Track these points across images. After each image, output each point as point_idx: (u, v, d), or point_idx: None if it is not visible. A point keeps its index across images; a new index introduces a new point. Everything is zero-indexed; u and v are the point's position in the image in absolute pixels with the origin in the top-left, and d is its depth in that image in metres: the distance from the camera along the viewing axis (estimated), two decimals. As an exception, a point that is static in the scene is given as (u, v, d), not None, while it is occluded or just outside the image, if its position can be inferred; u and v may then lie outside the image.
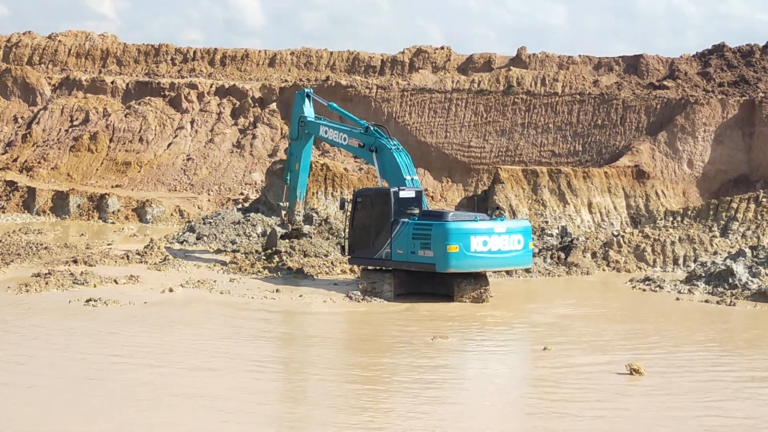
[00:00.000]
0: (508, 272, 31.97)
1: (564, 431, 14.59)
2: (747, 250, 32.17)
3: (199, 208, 51.86)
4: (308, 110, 33.50)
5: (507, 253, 27.33)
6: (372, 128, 30.67)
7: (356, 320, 24.86)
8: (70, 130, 61.92)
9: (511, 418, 15.61)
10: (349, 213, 29.76)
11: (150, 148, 60.14)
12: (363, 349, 21.11)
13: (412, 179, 29.38)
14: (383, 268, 28.30)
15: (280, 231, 34.54)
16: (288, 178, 34.50)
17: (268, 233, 35.61)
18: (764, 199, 39.96)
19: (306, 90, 34.73)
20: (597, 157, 53.31)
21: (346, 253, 29.79)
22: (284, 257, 33.22)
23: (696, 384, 17.78)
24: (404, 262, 27.56)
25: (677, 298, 28.46)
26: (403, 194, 28.34)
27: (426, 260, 27.03)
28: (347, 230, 29.68)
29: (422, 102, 58.47)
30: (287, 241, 34.20)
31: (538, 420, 15.35)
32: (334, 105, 34.90)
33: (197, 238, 38.43)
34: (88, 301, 24.86)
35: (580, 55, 61.98)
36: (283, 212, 34.77)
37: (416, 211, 28.11)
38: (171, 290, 27.29)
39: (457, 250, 26.46)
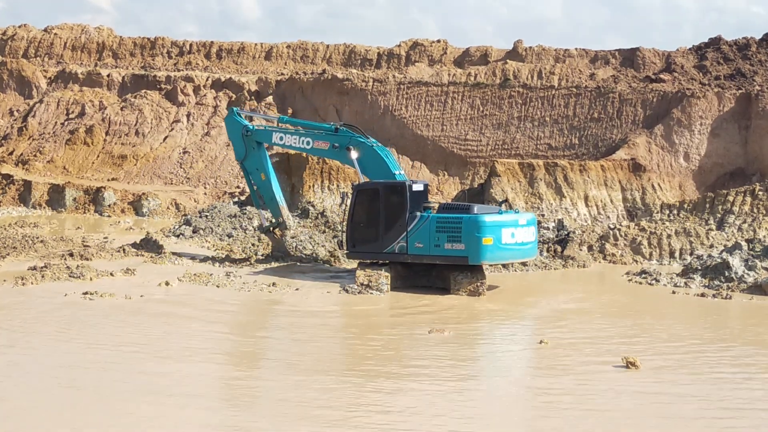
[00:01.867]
0: (504, 266, 32.05)
1: (557, 424, 14.60)
2: (743, 243, 32.20)
3: (195, 201, 51.85)
4: (245, 122, 33.11)
5: (526, 245, 28.01)
6: (341, 128, 30.45)
7: (352, 314, 24.84)
8: (66, 123, 61.87)
9: (504, 412, 15.61)
10: (347, 207, 29.72)
11: (146, 142, 60.12)
12: (358, 343, 21.09)
13: (400, 173, 29.52)
14: (382, 261, 28.35)
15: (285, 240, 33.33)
16: (257, 198, 33.26)
17: (272, 243, 33.86)
18: (760, 192, 40.01)
19: (232, 108, 34.13)
20: (593, 150, 53.35)
21: (345, 248, 29.75)
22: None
23: (692, 377, 17.79)
24: (425, 255, 27.68)
25: (673, 292, 28.47)
26: (414, 188, 28.48)
27: (455, 253, 27.17)
28: (346, 224, 29.50)
29: (419, 95, 58.45)
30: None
31: (531, 413, 15.36)
32: (285, 117, 34.21)
33: (193, 232, 38.42)
34: (84, 294, 24.84)
35: (576, 49, 62.03)
36: (273, 228, 33.22)
37: (433, 204, 28.36)
38: (167, 283, 27.26)
39: (492, 243, 26.87)
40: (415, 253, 27.83)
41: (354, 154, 29.61)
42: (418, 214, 27.80)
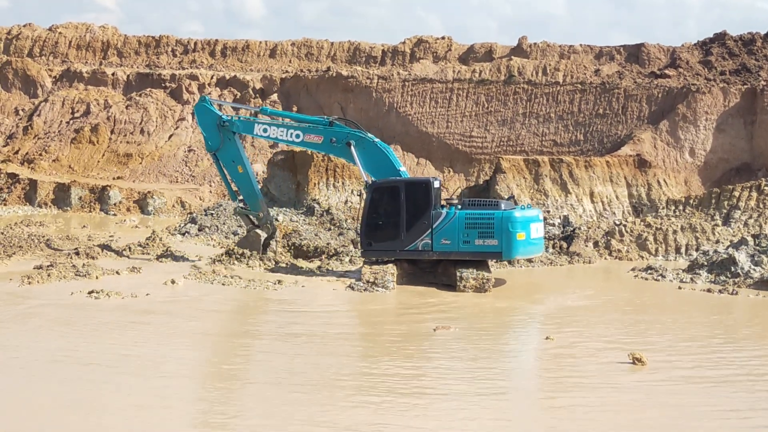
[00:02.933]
0: (509, 262, 32.12)
1: (563, 420, 14.59)
2: (749, 238, 32.16)
3: (200, 199, 51.87)
4: (219, 113, 31.57)
5: (541, 240, 29.24)
6: (336, 122, 29.92)
7: (359, 311, 24.85)
8: (71, 122, 61.93)
9: (510, 408, 15.61)
10: (363, 205, 29.33)
11: (151, 140, 60.16)
12: (365, 340, 21.10)
13: (403, 170, 29.51)
14: (392, 259, 28.43)
15: (261, 234, 32.01)
16: (231, 190, 32.06)
17: (246, 235, 32.63)
18: (766, 188, 39.94)
19: (203, 97, 32.21)
20: (598, 146, 53.29)
21: (360, 246, 29.55)
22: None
23: (698, 372, 17.78)
24: (453, 252, 27.95)
25: (679, 287, 28.44)
26: (435, 184, 28.64)
27: (488, 249, 27.79)
28: (361, 222, 29.20)
29: (423, 92, 58.42)
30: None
31: (537, 409, 15.36)
32: (268, 109, 32.74)
33: (199, 230, 38.45)
34: (90, 293, 24.88)
35: (581, 45, 61.95)
36: (256, 226, 32.06)
37: (455, 201, 28.78)
38: (173, 281, 27.28)
39: (524, 238, 27.80)
40: (441, 250, 27.99)
41: (354, 150, 29.31)
42: (444, 210, 27.92)
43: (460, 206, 28.32)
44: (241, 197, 32.10)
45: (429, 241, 27.96)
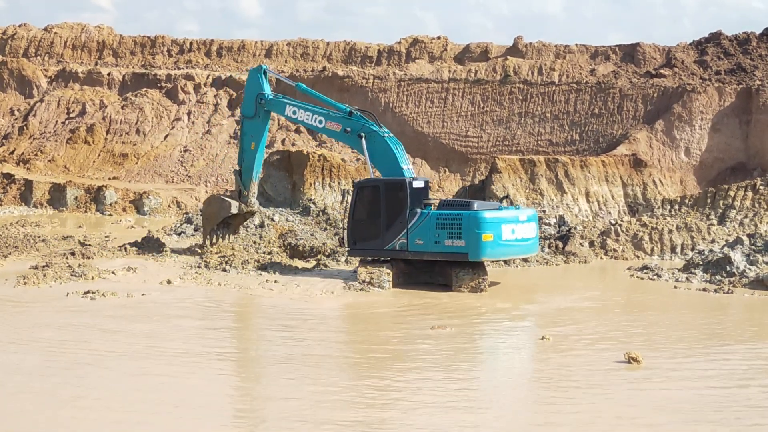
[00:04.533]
0: (506, 262, 31.99)
1: (558, 419, 14.61)
2: (744, 238, 32.19)
3: (196, 199, 51.84)
4: (267, 88, 32.03)
5: (527, 241, 28.13)
6: (356, 113, 29.86)
7: (355, 311, 24.86)
8: (67, 122, 61.89)
9: (505, 406, 15.63)
10: (348, 204, 29.59)
11: (147, 140, 60.13)
12: (361, 340, 21.12)
13: (408, 168, 29.22)
14: (384, 258, 28.34)
15: (232, 206, 31.95)
16: (242, 159, 32.27)
17: (221, 198, 32.90)
18: (761, 187, 39.99)
19: (262, 66, 32.87)
20: (594, 146, 53.35)
21: (346, 245, 29.66)
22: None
23: (694, 372, 17.80)
24: (426, 252, 27.66)
25: (675, 287, 28.47)
26: (415, 184, 28.41)
27: (455, 249, 27.20)
28: (347, 221, 29.38)
29: (419, 92, 58.45)
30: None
31: (532, 408, 15.38)
32: (303, 86, 33.12)
33: (195, 230, 38.40)
34: (86, 293, 24.87)
35: (576, 44, 62.03)
36: (239, 197, 32.19)
37: (433, 201, 28.39)
38: (169, 282, 27.28)
39: (492, 239, 26.95)
40: (415, 250, 27.79)
41: (364, 143, 29.16)
42: (419, 210, 27.76)
43: (434, 206, 28.12)
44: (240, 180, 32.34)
45: (405, 240, 27.94)
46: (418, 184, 28.68)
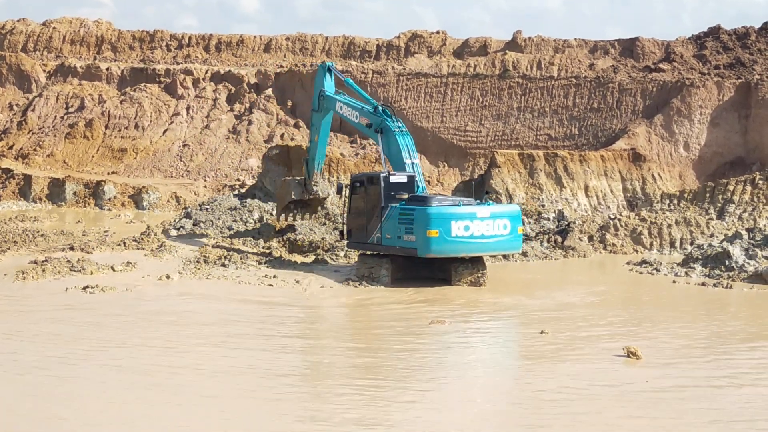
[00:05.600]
0: (504, 256, 31.98)
1: (557, 414, 14.61)
2: (743, 232, 32.20)
3: (195, 194, 51.82)
4: (328, 84, 33.31)
5: (491, 238, 27.09)
6: (380, 108, 30.39)
7: (354, 305, 24.86)
8: (66, 117, 61.83)
9: (501, 401, 15.64)
10: (346, 197, 29.93)
11: (146, 135, 60.06)
12: (360, 336, 21.13)
13: (413, 163, 29.14)
14: (379, 252, 28.39)
15: (295, 191, 34.68)
16: (309, 149, 34.80)
17: (281, 186, 35.76)
18: (760, 182, 39.99)
19: (327, 63, 34.60)
20: (593, 140, 53.30)
21: (345, 238, 29.95)
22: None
23: (694, 367, 17.80)
24: (392, 246, 27.66)
25: (674, 281, 28.47)
26: (393, 179, 28.38)
27: (410, 245, 27.08)
28: (345, 215, 29.79)
29: (418, 86, 58.40)
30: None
31: (527, 403, 15.38)
32: (350, 81, 34.54)
33: (194, 225, 38.39)
34: (85, 288, 24.86)
35: (575, 39, 61.93)
36: (307, 174, 34.71)
37: (405, 195, 28.16)
38: (168, 277, 27.27)
39: (437, 235, 26.41)
40: (386, 245, 27.84)
41: (380, 138, 29.89)
42: (391, 205, 27.83)
43: (405, 201, 28.02)
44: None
45: (380, 234, 28.02)
46: (398, 178, 28.62)
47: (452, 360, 18.65)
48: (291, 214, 35.30)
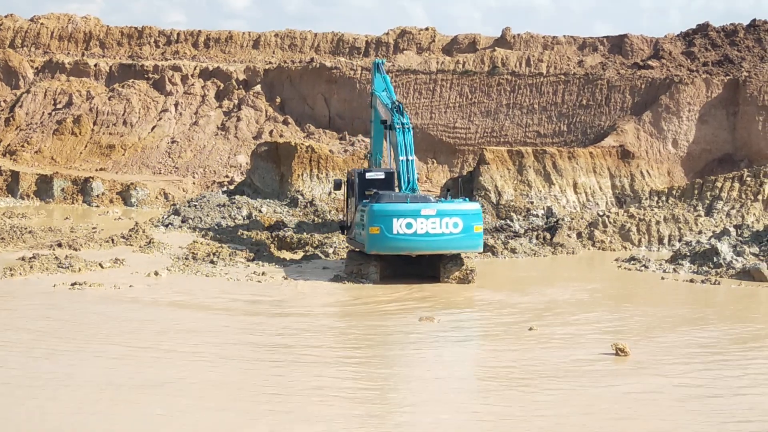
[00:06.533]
0: (481, 253, 31.27)
1: (544, 410, 14.60)
2: (731, 229, 32.31)
3: (184, 191, 51.71)
4: (377, 81, 33.87)
5: (439, 237, 26.63)
6: (395, 105, 30.48)
7: (342, 303, 24.83)
8: (54, 113, 61.61)
9: (489, 396, 15.63)
10: (343, 194, 30.71)
11: (134, 131, 59.90)
12: (348, 332, 21.11)
13: (407, 159, 28.99)
14: (355, 249, 28.79)
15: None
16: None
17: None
18: (748, 178, 40.10)
19: (376, 61, 35.28)
20: (582, 137, 53.38)
21: (344, 233, 30.75)
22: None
23: (681, 363, 17.83)
24: (360, 243, 27.87)
25: (662, 278, 28.53)
26: (369, 175, 28.64)
27: (362, 241, 27.37)
28: (345, 210, 30.43)
29: (407, 83, 58.37)
30: None
31: (516, 398, 15.37)
32: (387, 77, 34.55)
33: (182, 221, 38.35)
34: (73, 285, 24.77)
35: (564, 36, 62.00)
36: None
37: (374, 192, 28.36)
38: (156, 273, 27.20)
39: (378, 232, 26.39)
40: (358, 241, 28.08)
41: (387, 133, 30.27)
42: (363, 201, 28.11)
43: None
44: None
45: (357, 230, 28.25)
46: (375, 175, 28.88)
47: (442, 357, 18.62)
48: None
